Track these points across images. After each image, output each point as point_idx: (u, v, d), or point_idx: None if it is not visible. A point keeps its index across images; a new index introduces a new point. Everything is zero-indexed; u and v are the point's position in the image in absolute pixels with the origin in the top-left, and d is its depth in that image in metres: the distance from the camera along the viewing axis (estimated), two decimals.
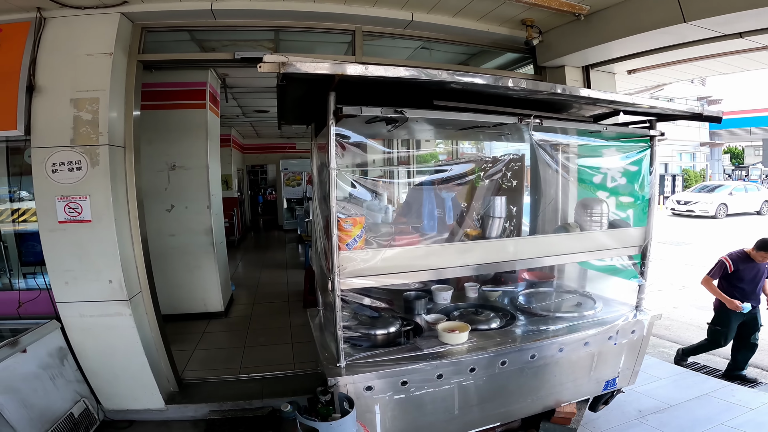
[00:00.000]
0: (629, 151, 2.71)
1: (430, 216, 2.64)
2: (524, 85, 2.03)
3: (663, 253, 9.14)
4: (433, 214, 2.68)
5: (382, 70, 1.78)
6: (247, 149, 14.38)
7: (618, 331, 2.64)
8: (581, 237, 2.59)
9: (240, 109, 8.28)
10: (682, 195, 17.93)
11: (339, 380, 2.06)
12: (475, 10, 3.38)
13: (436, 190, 2.76)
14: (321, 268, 2.55)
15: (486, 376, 2.34)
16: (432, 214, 2.67)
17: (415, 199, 2.82)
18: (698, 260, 8.66)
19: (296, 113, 2.78)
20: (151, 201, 4.67)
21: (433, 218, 2.68)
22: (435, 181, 2.84)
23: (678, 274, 7.62)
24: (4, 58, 2.77)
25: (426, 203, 2.68)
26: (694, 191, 17.80)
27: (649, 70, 4.29)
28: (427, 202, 2.68)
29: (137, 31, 3.12)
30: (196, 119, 5.07)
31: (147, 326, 3.19)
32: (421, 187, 2.79)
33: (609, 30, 3.22)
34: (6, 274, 3.24)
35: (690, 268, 7.94)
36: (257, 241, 11.99)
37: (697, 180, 22.53)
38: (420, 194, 2.76)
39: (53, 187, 2.80)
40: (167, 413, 3.25)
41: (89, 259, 2.88)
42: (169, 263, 4.93)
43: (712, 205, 15.95)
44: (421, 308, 2.80)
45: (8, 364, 2.56)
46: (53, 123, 2.80)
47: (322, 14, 3.27)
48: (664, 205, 17.88)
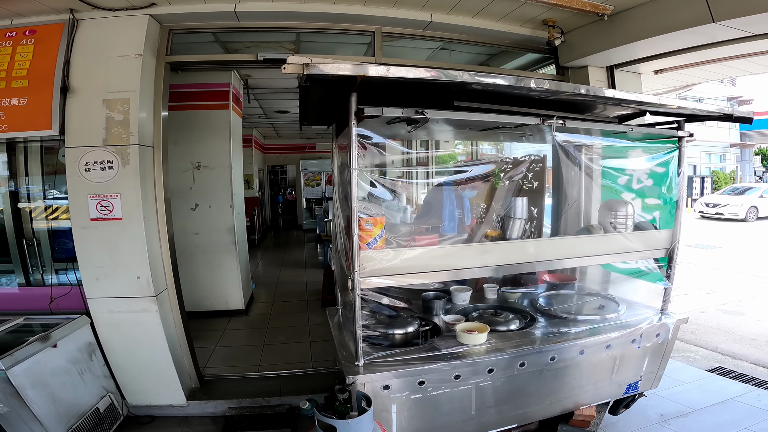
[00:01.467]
0: (656, 152, 2.65)
1: (450, 216, 2.64)
2: (547, 86, 2.01)
3: (690, 257, 8.90)
4: (453, 214, 2.67)
5: (403, 72, 1.79)
6: (268, 149, 14.60)
7: (642, 335, 2.58)
8: (605, 239, 2.54)
9: (261, 110, 8.42)
10: (711, 197, 17.39)
11: (357, 379, 2.07)
12: (495, 11, 3.36)
13: (457, 191, 2.76)
14: (341, 267, 2.57)
15: (504, 378, 2.33)
16: (452, 214, 2.66)
17: (435, 199, 2.82)
18: (727, 264, 8.40)
19: (317, 114, 2.82)
20: (177, 200, 4.79)
21: (454, 219, 2.67)
22: (455, 181, 2.84)
23: (705, 278, 7.41)
24: (40, 59, 2.86)
25: (446, 204, 2.68)
26: (723, 193, 17.24)
27: (677, 70, 4.18)
28: (447, 202, 2.67)
29: (165, 32, 3.19)
30: (220, 120, 5.17)
31: (172, 323, 3.25)
32: (442, 188, 2.79)
33: (634, 30, 3.15)
34: (39, 270, 3.33)
35: (718, 272, 7.70)
36: (277, 241, 12.15)
37: (727, 182, 21.81)
38: (440, 195, 2.76)
39: (86, 186, 2.88)
40: (188, 409, 3.31)
41: (119, 255, 2.95)
42: (193, 261, 5.06)
43: (742, 208, 15.44)
44: (439, 309, 2.80)
45: (39, 359, 2.60)
46: (86, 123, 2.88)
47: (342, 15, 3.30)
48: (692, 208, 17.37)
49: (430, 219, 2.77)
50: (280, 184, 15.92)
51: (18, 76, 2.84)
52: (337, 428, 1.90)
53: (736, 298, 6.09)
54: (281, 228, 14.62)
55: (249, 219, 8.27)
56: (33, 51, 2.87)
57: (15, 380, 2.39)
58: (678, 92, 6.10)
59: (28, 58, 2.86)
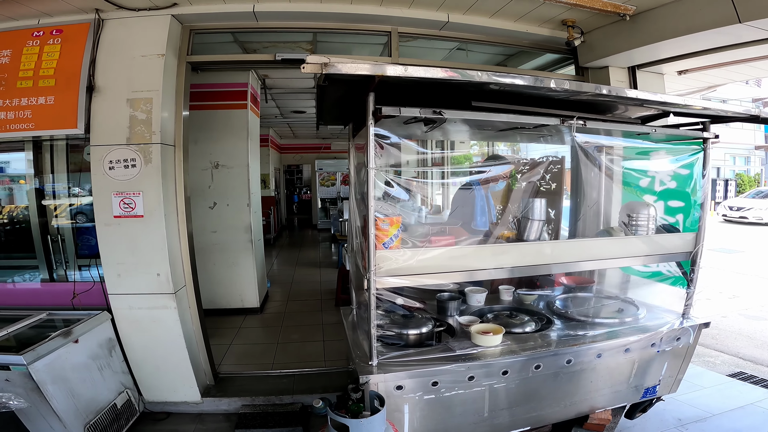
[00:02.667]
0: (680, 153, 2.60)
1: (482, 213, 2.61)
2: (567, 86, 1.98)
3: (713, 261, 8.68)
4: (484, 211, 2.65)
5: (421, 71, 1.79)
6: (284, 149, 14.74)
7: (662, 339, 2.54)
8: (626, 241, 2.50)
9: (278, 110, 8.50)
10: (735, 200, 16.93)
11: (370, 378, 2.07)
12: (513, 11, 3.33)
13: (476, 191, 2.74)
14: (357, 267, 2.58)
15: (519, 380, 2.31)
16: (483, 211, 2.63)
17: (462, 198, 2.80)
18: (750, 269, 8.17)
19: (334, 114, 2.83)
20: (196, 198, 4.87)
21: (485, 215, 2.64)
22: (472, 181, 2.82)
23: (728, 283, 7.22)
24: (67, 58, 2.91)
25: (477, 202, 2.65)
26: (747, 197, 16.77)
27: (701, 70, 4.08)
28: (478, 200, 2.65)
29: (186, 32, 3.24)
30: (238, 119, 5.23)
31: (189, 320, 3.29)
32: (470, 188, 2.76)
33: (657, 30, 3.09)
34: (63, 266, 3.40)
35: (741, 277, 7.50)
36: (292, 240, 12.24)
37: (752, 185, 21.19)
38: (469, 194, 2.73)
39: (110, 184, 2.94)
40: (202, 406, 3.34)
41: (140, 252, 3.00)
42: (210, 259, 5.13)
43: (766, 212, 14.96)
44: (454, 310, 2.79)
45: (60, 354, 2.61)
46: (111, 122, 2.93)
47: (359, 16, 3.31)
48: (715, 211, 16.92)
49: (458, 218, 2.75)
50: (296, 183, 16.05)
51: (45, 76, 2.90)
52: (349, 427, 1.91)
53: (758, 303, 5.94)
54: (296, 227, 14.73)
55: (265, 218, 8.36)
56: (60, 50, 2.93)
57: (36, 375, 2.40)
58: (701, 93, 5.95)
59: (55, 57, 2.92)
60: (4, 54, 2.95)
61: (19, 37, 2.97)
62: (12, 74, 2.91)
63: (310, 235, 12.91)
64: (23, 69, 2.91)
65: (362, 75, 1.76)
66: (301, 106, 8.19)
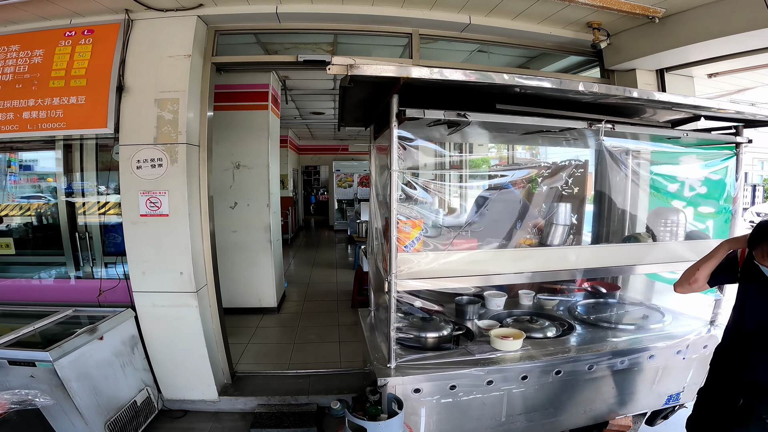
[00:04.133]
0: (711, 158, 2.53)
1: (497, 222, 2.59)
2: (596, 89, 1.95)
3: None
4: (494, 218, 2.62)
5: (447, 74, 1.78)
6: (302, 150, 14.86)
7: (688, 346, 2.49)
8: (654, 248, 2.44)
9: (297, 111, 8.58)
10: (763, 206, 16.37)
11: (388, 381, 2.07)
12: (536, 13, 3.28)
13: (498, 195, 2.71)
14: (376, 269, 2.58)
15: (538, 385, 2.29)
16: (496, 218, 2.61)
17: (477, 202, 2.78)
18: None
19: (356, 115, 2.84)
20: (217, 198, 4.89)
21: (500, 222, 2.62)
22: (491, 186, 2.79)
23: None
24: (98, 58, 2.96)
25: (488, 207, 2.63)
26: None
27: (733, 73, 3.97)
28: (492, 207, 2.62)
29: (211, 33, 3.28)
30: (259, 120, 5.28)
31: (209, 319, 3.31)
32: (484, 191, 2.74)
33: (687, 33, 3.01)
34: (89, 263, 3.44)
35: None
36: (309, 240, 12.31)
37: None
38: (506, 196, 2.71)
39: (137, 183, 2.98)
40: (219, 405, 3.34)
41: (164, 251, 3.03)
42: (230, 258, 5.16)
43: None
44: (473, 313, 2.78)
45: (85, 351, 2.60)
46: (139, 122, 2.97)
47: (380, 17, 3.30)
48: (742, 217, 16.38)
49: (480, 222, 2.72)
50: (313, 184, 16.16)
51: (77, 75, 2.96)
52: (367, 430, 1.91)
53: None
54: (313, 228, 14.80)
55: (283, 218, 8.43)
56: (91, 50, 2.98)
57: (61, 372, 2.40)
58: (731, 96, 5.79)
59: (86, 57, 2.97)
60: (37, 54, 3.02)
61: (52, 36, 3.04)
62: (45, 74, 2.98)
63: (327, 235, 12.96)
64: (55, 69, 2.98)
65: (387, 77, 1.77)
66: (320, 107, 8.24)
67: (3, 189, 3.70)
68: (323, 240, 12.28)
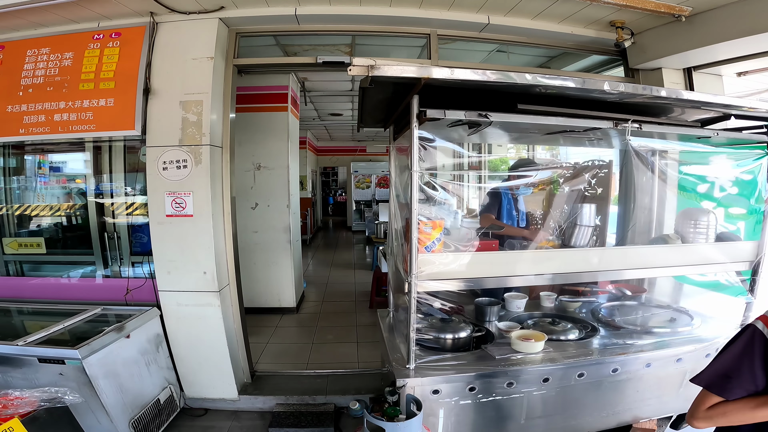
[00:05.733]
0: (742, 158, 2.45)
1: (511, 221, 2.56)
2: (622, 89, 1.90)
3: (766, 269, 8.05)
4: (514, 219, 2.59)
5: (468, 74, 1.77)
6: (320, 151, 14.95)
7: (718, 349, 2.39)
8: (683, 250, 2.38)
9: (316, 113, 8.65)
10: None
11: (407, 382, 2.06)
12: (557, 12, 3.23)
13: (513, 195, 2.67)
14: (396, 270, 2.58)
15: (559, 387, 2.25)
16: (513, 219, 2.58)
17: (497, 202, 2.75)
18: None
19: (375, 116, 2.84)
20: (239, 199, 4.96)
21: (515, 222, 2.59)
22: (512, 186, 2.76)
23: None
24: (125, 61, 3.02)
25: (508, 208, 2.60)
26: None
27: (763, 72, 3.83)
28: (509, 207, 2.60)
29: (232, 36, 3.32)
30: (279, 122, 5.32)
31: (231, 318, 3.34)
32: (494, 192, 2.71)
33: (715, 31, 2.92)
34: (117, 262, 3.51)
35: None
36: (327, 241, 12.37)
37: None
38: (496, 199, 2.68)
39: (163, 183, 3.03)
40: (238, 403, 3.37)
41: (189, 250, 3.08)
42: (251, 258, 5.23)
43: None
44: (493, 315, 2.75)
45: (112, 349, 2.63)
46: (165, 124, 3.02)
47: (398, 18, 3.30)
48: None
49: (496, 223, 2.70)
50: (331, 185, 16.24)
51: (105, 78, 3.02)
52: (386, 430, 1.90)
53: None
54: (331, 229, 14.87)
55: (302, 219, 8.50)
56: (119, 53, 3.04)
57: (89, 370, 2.43)
58: (760, 95, 5.60)
59: (114, 60, 3.03)
60: (67, 56, 3.08)
61: (81, 39, 3.10)
62: (74, 76, 3.05)
63: (345, 236, 13.01)
64: (85, 71, 3.04)
65: (408, 78, 1.76)
66: (338, 108, 8.29)
67: (33, 190, 3.81)
68: (341, 241, 12.33)
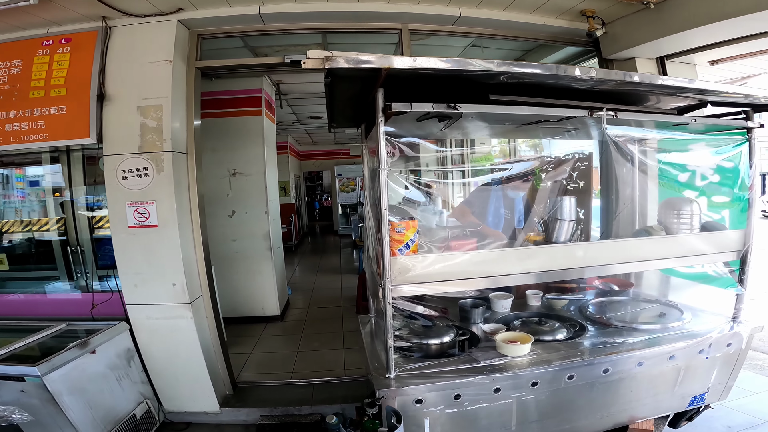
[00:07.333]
0: (722, 145, 2.39)
1: (490, 218, 2.47)
2: (594, 74, 1.82)
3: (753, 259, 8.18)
4: (497, 215, 2.50)
5: (432, 62, 1.67)
6: (303, 156, 14.83)
7: (711, 344, 2.35)
8: (668, 241, 2.30)
9: (295, 116, 8.54)
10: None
11: (387, 392, 1.96)
12: (527, 2, 3.19)
13: (496, 191, 2.58)
14: (372, 274, 2.47)
15: (549, 391, 2.15)
16: (496, 215, 2.49)
17: (475, 199, 2.66)
18: None
19: (346, 114, 2.73)
20: (215, 207, 4.87)
21: (498, 219, 2.50)
22: (497, 180, 2.67)
23: None
24: (77, 67, 2.90)
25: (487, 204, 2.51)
26: None
27: (735, 60, 3.82)
28: (487, 203, 2.50)
29: (194, 38, 3.21)
30: (254, 126, 5.22)
31: (206, 329, 3.25)
32: (481, 188, 2.62)
33: (685, 17, 2.88)
34: (83, 276, 3.39)
35: None
36: (314, 246, 12.26)
37: None
38: (481, 195, 2.59)
39: (124, 193, 2.91)
40: (221, 416, 3.30)
41: (156, 262, 2.97)
42: (232, 267, 5.10)
43: None
44: (478, 317, 2.65)
45: (77, 365, 2.60)
46: (122, 131, 2.90)
47: (368, 14, 3.23)
48: None
49: (467, 222, 2.61)
50: (317, 190, 16.13)
51: (56, 85, 2.89)
52: None
53: None
54: (318, 234, 14.79)
55: (286, 225, 8.38)
56: (69, 59, 2.92)
57: (51, 386, 2.38)
58: (735, 84, 5.65)
59: (65, 66, 2.91)
60: (16, 64, 2.96)
61: (30, 46, 2.98)
62: (24, 84, 2.92)
63: (332, 241, 12.91)
64: (35, 79, 2.91)
65: (368, 68, 1.66)
66: (317, 111, 8.19)
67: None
68: (328, 246, 12.23)
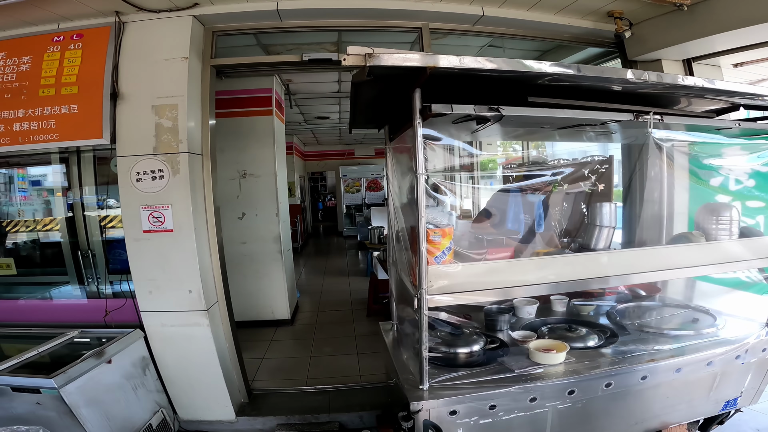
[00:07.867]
0: (758, 150, 2.34)
1: (527, 225, 2.39)
2: (646, 77, 1.75)
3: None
4: (528, 222, 2.43)
5: (479, 62, 1.59)
6: (308, 156, 14.77)
7: (747, 350, 2.31)
8: (709, 248, 2.24)
9: (302, 116, 8.48)
10: None
11: (422, 405, 1.87)
12: (553, 3, 3.13)
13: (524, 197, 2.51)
14: (400, 281, 2.39)
15: (585, 399, 2.08)
16: (528, 222, 2.42)
17: (502, 204, 2.58)
18: None
19: (367, 116, 2.65)
20: (224, 209, 4.75)
21: (535, 227, 2.43)
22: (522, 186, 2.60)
23: None
24: (89, 64, 2.79)
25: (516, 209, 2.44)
26: None
27: (758, 63, 3.80)
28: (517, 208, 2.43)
29: (209, 34, 3.13)
30: (264, 126, 5.15)
31: (222, 337, 3.18)
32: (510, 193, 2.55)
33: (716, 21, 2.85)
34: (94, 281, 3.30)
35: None
36: (319, 248, 12.20)
37: None
38: (511, 200, 2.51)
39: (138, 197, 2.82)
40: (237, 425, 3.23)
41: (171, 268, 2.88)
42: (240, 270, 5.02)
43: None
44: (504, 323, 2.57)
45: (93, 375, 2.53)
46: (136, 131, 2.81)
47: (387, 11, 3.14)
48: None
49: (500, 228, 2.54)
50: (320, 190, 16.07)
51: (68, 83, 2.79)
52: None
53: None
54: (322, 235, 14.73)
55: (292, 227, 8.30)
56: (81, 56, 2.82)
57: (68, 398, 2.31)
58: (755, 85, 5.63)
59: (76, 63, 2.81)
60: (25, 61, 2.85)
61: (39, 42, 2.87)
62: (34, 82, 2.81)
63: (337, 242, 12.85)
64: (45, 76, 2.81)
65: (411, 67, 1.58)
66: (324, 111, 8.14)
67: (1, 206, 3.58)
68: (333, 247, 12.17)
